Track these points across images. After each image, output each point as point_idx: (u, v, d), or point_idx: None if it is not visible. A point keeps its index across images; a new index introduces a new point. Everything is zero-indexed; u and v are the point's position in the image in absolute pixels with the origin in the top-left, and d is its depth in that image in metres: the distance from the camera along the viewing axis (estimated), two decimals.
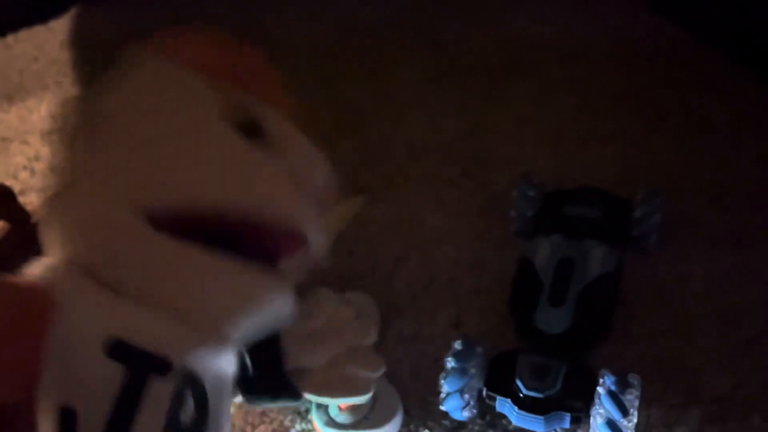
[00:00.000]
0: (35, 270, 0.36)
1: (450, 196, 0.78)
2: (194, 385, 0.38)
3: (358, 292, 0.68)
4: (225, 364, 0.40)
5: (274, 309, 0.40)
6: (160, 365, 0.36)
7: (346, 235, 0.75)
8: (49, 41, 1.10)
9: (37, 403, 0.32)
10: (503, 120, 0.87)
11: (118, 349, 0.35)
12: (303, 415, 0.61)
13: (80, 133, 0.38)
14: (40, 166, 0.90)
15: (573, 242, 0.66)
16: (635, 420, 0.52)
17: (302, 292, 0.43)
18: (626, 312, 0.65)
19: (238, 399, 0.57)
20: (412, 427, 0.59)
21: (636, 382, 0.54)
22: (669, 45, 0.93)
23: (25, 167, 0.90)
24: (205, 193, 0.37)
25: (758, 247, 0.68)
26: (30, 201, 0.82)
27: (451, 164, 0.82)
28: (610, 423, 0.53)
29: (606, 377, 0.54)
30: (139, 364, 0.35)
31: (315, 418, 0.59)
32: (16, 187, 0.78)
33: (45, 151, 0.92)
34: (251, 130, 0.38)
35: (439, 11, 1.04)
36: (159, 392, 0.36)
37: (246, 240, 0.39)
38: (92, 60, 1.05)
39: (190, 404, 0.37)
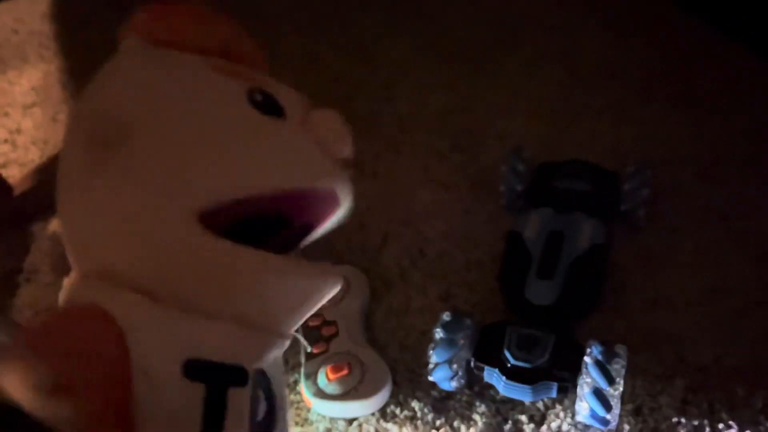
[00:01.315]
0: (81, 282, 0.35)
1: (440, 170, 0.78)
2: (263, 382, 0.39)
3: (348, 265, 0.68)
4: (280, 352, 0.40)
5: (325, 298, 0.40)
6: (238, 376, 0.37)
7: None
8: (29, 13, 1.08)
9: None
10: (493, 93, 0.86)
11: (195, 369, 0.35)
12: (292, 386, 0.62)
13: (97, 136, 0.36)
14: (21, 139, 0.89)
15: (562, 215, 0.66)
16: (621, 389, 0.53)
17: None
18: (615, 284, 0.65)
19: None
20: (400, 397, 0.60)
21: (622, 352, 0.54)
22: (659, 19, 0.92)
23: (6, 140, 0.89)
24: (251, 181, 0.36)
25: (746, 219, 0.69)
26: (11, 174, 0.81)
27: (440, 138, 0.81)
28: (597, 392, 0.53)
29: (593, 347, 0.54)
30: (217, 379, 0.36)
31: (304, 389, 0.60)
32: None
33: (26, 124, 0.91)
34: (270, 108, 0.38)
35: None
36: (240, 401, 0.36)
37: (288, 215, 0.39)
38: (73, 32, 1.04)
39: (263, 405, 0.39)
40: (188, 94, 0.37)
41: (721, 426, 0.55)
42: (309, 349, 0.61)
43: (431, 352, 0.58)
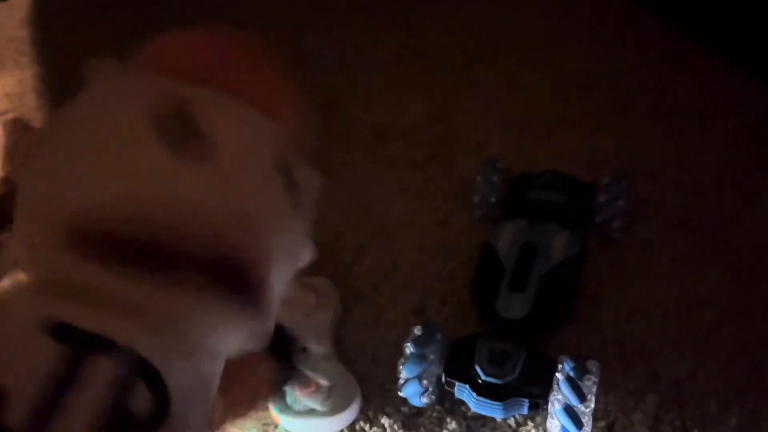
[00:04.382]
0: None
1: (415, 180, 0.77)
2: (149, 376, 0.36)
3: (319, 277, 0.67)
4: (202, 371, 0.38)
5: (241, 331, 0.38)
6: (100, 344, 0.34)
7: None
8: (7, 19, 1.07)
9: None
10: (471, 104, 0.85)
11: (58, 330, 0.34)
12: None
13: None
14: None
15: (536, 227, 0.65)
16: (593, 405, 0.52)
17: None
18: (588, 297, 0.64)
19: None
20: (370, 413, 0.59)
21: (594, 369, 0.53)
22: (638, 29, 0.92)
23: None
24: (127, 207, 0.35)
25: (721, 231, 0.68)
26: None
27: (417, 148, 0.80)
28: (568, 409, 0.52)
29: (565, 363, 0.54)
30: (77, 344, 0.34)
31: (272, 405, 0.58)
32: None
33: None
34: (187, 131, 0.36)
35: None
36: (97, 371, 0.34)
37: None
38: (51, 39, 1.03)
39: (143, 395, 0.36)
40: (99, 106, 0.37)
41: None
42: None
43: (401, 367, 0.57)
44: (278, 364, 0.58)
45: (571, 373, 0.53)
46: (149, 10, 1.00)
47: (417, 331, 0.58)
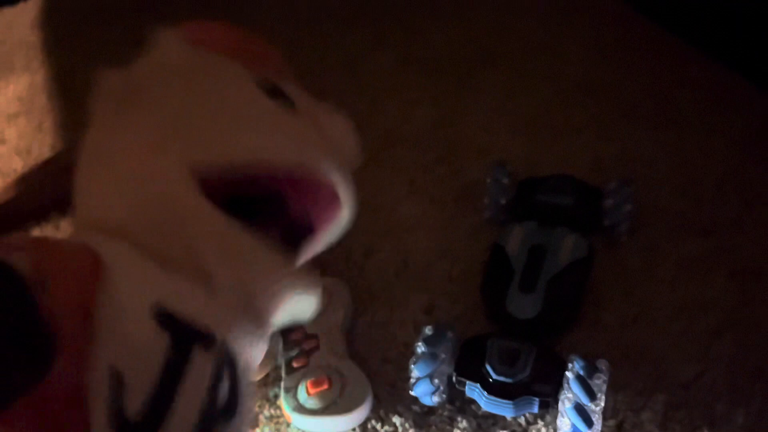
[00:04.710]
0: (76, 232, 0.36)
1: (424, 183, 0.78)
2: (231, 366, 0.37)
3: (330, 277, 0.68)
4: (257, 352, 0.40)
5: (306, 303, 0.41)
6: (206, 338, 0.36)
7: None
8: (17, 23, 1.08)
9: (92, 360, 0.31)
10: (477, 109, 0.87)
11: (165, 317, 0.34)
12: (272, 400, 0.61)
13: (120, 97, 0.38)
14: (4, 149, 0.88)
15: (545, 230, 0.66)
16: (602, 404, 0.53)
17: None
18: (596, 299, 0.65)
19: None
20: (381, 412, 0.59)
21: (604, 368, 0.54)
22: (642, 37, 0.94)
23: None
24: (255, 152, 0.37)
25: (725, 236, 0.69)
26: None
27: (425, 152, 0.82)
28: (578, 407, 0.53)
29: (575, 362, 0.54)
30: (184, 335, 0.35)
31: (284, 403, 0.59)
32: None
33: (10, 133, 0.90)
34: (278, 97, 0.40)
35: (415, 0, 1.04)
36: (202, 365, 0.35)
37: (285, 198, 0.39)
38: (61, 42, 1.03)
39: (225, 386, 0.37)
40: (203, 69, 0.39)
41: None
42: (282, 360, 0.60)
43: (413, 366, 0.58)
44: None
45: (581, 372, 0.54)
46: (156, 14, 1.01)
47: (428, 330, 0.59)
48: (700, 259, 0.68)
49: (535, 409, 0.57)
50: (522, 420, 0.58)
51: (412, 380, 0.58)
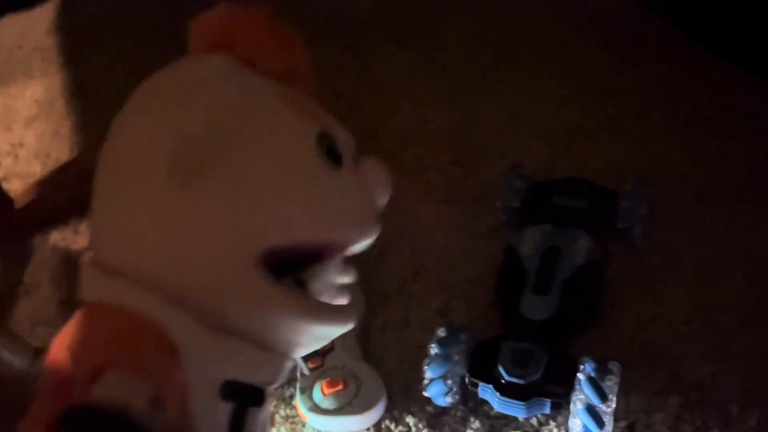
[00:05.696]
0: (134, 300, 0.35)
1: (439, 185, 0.79)
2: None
3: None
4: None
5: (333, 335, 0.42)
6: (259, 397, 0.39)
7: None
8: (33, 28, 1.10)
9: None
10: (493, 111, 0.87)
11: (230, 389, 0.37)
12: (287, 401, 0.62)
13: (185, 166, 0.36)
14: (23, 153, 0.90)
15: (559, 231, 0.67)
16: (614, 405, 0.53)
17: None
18: (611, 300, 0.65)
19: None
20: (395, 413, 0.60)
21: (615, 369, 0.54)
22: (657, 39, 0.93)
23: (8, 153, 0.90)
24: (311, 229, 0.38)
25: (740, 239, 0.69)
26: (13, 187, 0.82)
27: (441, 154, 0.82)
28: (590, 408, 0.53)
29: (586, 364, 0.55)
30: (243, 400, 0.38)
31: (299, 403, 0.60)
32: None
33: (28, 137, 0.92)
34: (333, 155, 0.39)
35: (430, 3, 1.05)
36: (256, 420, 0.39)
37: (327, 256, 0.41)
38: (78, 46, 1.05)
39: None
40: (269, 133, 0.38)
41: None
42: (306, 372, 0.61)
43: (426, 367, 0.58)
44: None
45: (593, 374, 0.54)
46: (169, 19, 1.03)
47: (441, 332, 0.59)
48: (716, 261, 0.68)
49: (547, 410, 0.57)
50: (534, 421, 0.58)
51: (426, 381, 0.58)
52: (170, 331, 0.34)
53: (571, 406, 0.55)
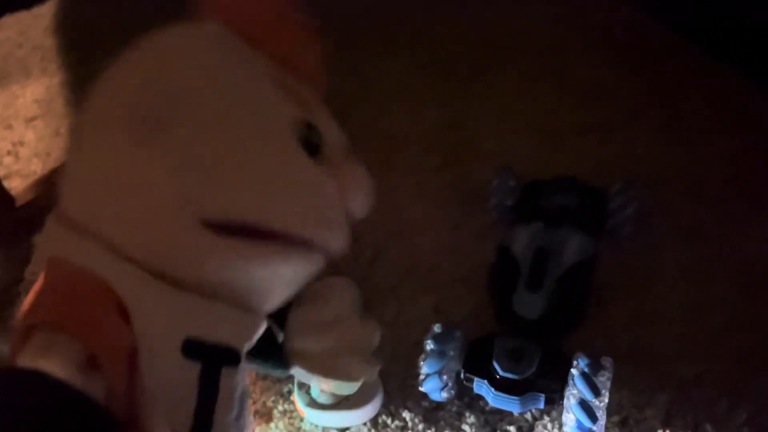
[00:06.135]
0: (81, 255, 0.34)
1: (431, 185, 0.80)
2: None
3: (339, 276, 0.69)
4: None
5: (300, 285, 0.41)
6: (231, 356, 0.37)
7: None
8: (33, 27, 1.09)
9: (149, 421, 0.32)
10: (484, 111, 0.88)
11: (193, 347, 0.35)
12: (285, 396, 0.63)
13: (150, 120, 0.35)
14: (24, 151, 0.90)
15: (550, 231, 0.68)
16: (606, 400, 0.54)
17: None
18: (600, 299, 0.67)
19: None
20: (392, 408, 0.61)
21: (608, 365, 0.56)
22: (647, 38, 0.95)
23: (9, 152, 0.90)
24: (267, 213, 0.36)
25: (729, 238, 0.71)
26: (14, 185, 0.82)
27: (432, 154, 0.83)
28: (583, 403, 0.54)
29: (580, 360, 0.56)
30: (212, 358, 0.36)
31: (297, 398, 0.61)
32: None
33: (29, 136, 0.92)
34: (310, 145, 0.38)
35: (422, 3, 1.06)
36: (231, 382, 0.37)
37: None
38: (77, 45, 1.05)
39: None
40: (241, 103, 0.36)
41: None
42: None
43: (422, 363, 0.59)
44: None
45: (586, 369, 0.55)
46: (169, 19, 1.03)
47: (437, 328, 0.60)
48: (705, 260, 0.69)
49: (541, 405, 0.58)
50: (528, 415, 0.60)
51: (422, 376, 0.59)
52: (118, 288, 0.33)
53: (565, 401, 0.56)
